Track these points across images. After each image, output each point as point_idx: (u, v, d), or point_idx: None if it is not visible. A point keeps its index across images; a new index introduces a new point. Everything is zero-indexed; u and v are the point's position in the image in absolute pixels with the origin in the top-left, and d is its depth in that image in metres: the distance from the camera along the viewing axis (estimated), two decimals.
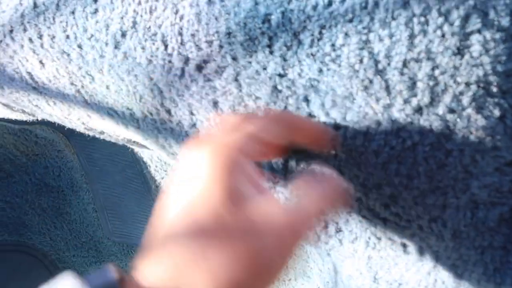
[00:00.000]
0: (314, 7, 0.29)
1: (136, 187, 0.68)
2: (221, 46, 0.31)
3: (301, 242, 0.24)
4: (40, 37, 0.40)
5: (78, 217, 0.76)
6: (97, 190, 0.73)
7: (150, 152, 0.59)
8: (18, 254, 0.74)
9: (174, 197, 0.23)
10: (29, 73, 0.43)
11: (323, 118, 0.30)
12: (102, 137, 0.52)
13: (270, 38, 0.30)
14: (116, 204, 0.73)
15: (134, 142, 0.51)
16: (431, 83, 0.27)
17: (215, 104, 0.33)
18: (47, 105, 0.47)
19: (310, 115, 0.30)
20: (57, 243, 0.76)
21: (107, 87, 0.38)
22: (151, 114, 0.37)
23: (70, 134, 0.69)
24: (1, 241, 0.73)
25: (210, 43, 0.32)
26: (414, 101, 0.27)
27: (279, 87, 0.30)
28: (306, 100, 0.30)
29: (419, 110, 0.27)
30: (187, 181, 0.23)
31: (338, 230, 0.34)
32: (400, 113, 0.27)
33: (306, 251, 0.55)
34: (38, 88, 0.45)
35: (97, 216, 0.76)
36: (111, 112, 0.40)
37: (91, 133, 0.52)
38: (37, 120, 0.59)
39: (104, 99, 0.40)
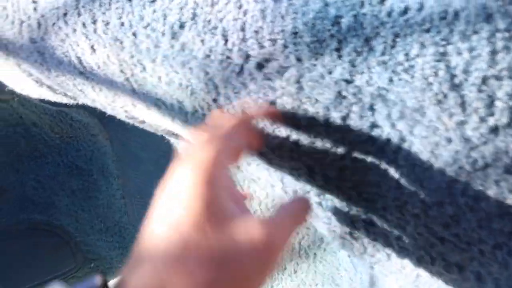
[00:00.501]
0: (389, 13, 0.28)
1: None
2: (285, 46, 0.30)
3: (278, 261, 0.25)
4: (94, 22, 0.40)
5: (105, 202, 0.76)
6: (127, 177, 0.73)
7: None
8: (46, 234, 0.75)
9: (160, 213, 0.25)
10: (78, 58, 0.43)
11: (387, 130, 0.29)
12: (141, 126, 0.51)
13: (339, 42, 0.29)
14: (145, 193, 0.73)
15: (174, 134, 0.51)
16: (511, 103, 0.25)
17: (272, 104, 0.32)
18: (92, 91, 0.47)
19: (374, 125, 0.29)
20: (83, 225, 0.76)
21: (159, 78, 0.37)
22: (202, 108, 0.36)
23: (106, 120, 0.69)
24: (31, 219, 0.74)
25: (274, 41, 0.31)
26: (491, 121, 0.26)
27: (344, 93, 0.29)
28: (372, 109, 0.29)
29: (495, 130, 0.26)
30: (172, 197, 0.25)
31: (388, 245, 0.33)
32: (474, 131, 0.26)
33: (338, 258, 0.54)
34: (85, 73, 0.44)
35: (125, 202, 0.76)
36: (159, 103, 0.40)
37: (131, 121, 0.51)
38: (77, 104, 0.59)
39: (153, 90, 0.39)
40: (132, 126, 0.69)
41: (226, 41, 0.32)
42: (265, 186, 0.41)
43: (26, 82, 0.55)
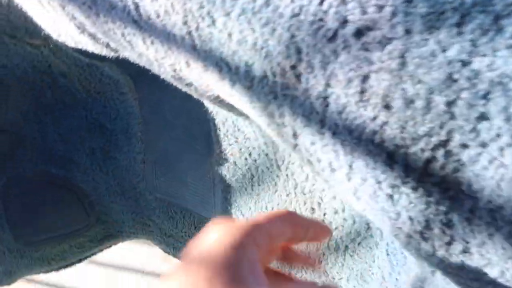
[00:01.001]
0: None
1: (197, 147, 0.64)
2: (394, 14, 0.26)
3: None
4: None
5: (125, 164, 0.73)
6: (152, 141, 0.70)
7: (227, 115, 0.55)
8: (61, 189, 0.72)
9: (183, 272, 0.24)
10: (135, 3, 0.39)
11: (499, 123, 0.25)
12: (185, 89, 0.48)
13: (462, 16, 0.25)
14: (168, 160, 0.70)
15: (221, 101, 0.47)
16: None
17: (364, 79, 0.28)
18: (142, 43, 0.43)
19: (483, 116, 0.26)
20: (99, 185, 0.73)
21: (229, 35, 0.34)
22: (274, 75, 0.33)
23: (139, 79, 0.66)
24: (48, 172, 0.71)
25: (380, 8, 0.27)
26: None
27: (456, 76, 0.26)
28: (486, 98, 0.25)
29: None
30: (199, 257, 0.24)
31: (465, 251, 0.30)
32: None
33: (373, 254, 0.51)
34: (139, 22, 0.41)
35: (145, 168, 0.73)
36: (221, 64, 0.36)
37: (175, 83, 0.48)
38: (116, 57, 0.55)
39: (219, 48, 0.35)
40: (167, 88, 0.66)
41: (322, 0, 0.29)
42: (323, 168, 0.37)
43: (67, 27, 0.51)
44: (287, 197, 0.57)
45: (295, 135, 0.36)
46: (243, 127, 0.55)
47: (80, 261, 0.79)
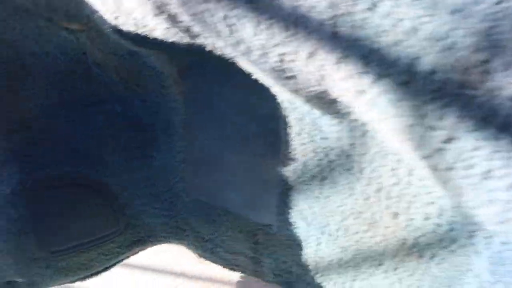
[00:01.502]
0: None
1: (249, 146, 0.59)
2: None
3: None
4: None
5: (162, 163, 0.67)
6: (195, 139, 0.64)
7: (304, 113, 0.51)
8: (90, 192, 0.64)
9: None
10: None
11: None
12: (281, 83, 0.43)
13: None
14: (212, 160, 0.64)
15: (320, 98, 0.43)
16: None
17: None
18: (251, 28, 0.37)
19: None
20: (132, 186, 0.66)
21: (395, 22, 0.29)
22: (449, 71, 0.29)
23: (187, 72, 0.60)
24: (76, 172, 0.63)
25: None
26: None
27: None
28: None
29: None
30: None
31: None
32: None
33: (471, 262, 0.49)
34: (257, 3, 0.35)
35: (184, 167, 0.67)
36: (370, 55, 0.32)
37: (270, 74, 0.43)
38: (184, 44, 0.49)
39: (372, 37, 0.31)
40: (219, 83, 0.60)
41: None
42: (470, 175, 0.34)
43: (135, 7, 0.45)
44: (364, 201, 0.54)
45: (449, 139, 0.33)
46: (325, 126, 0.50)
47: (106, 269, 0.72)
